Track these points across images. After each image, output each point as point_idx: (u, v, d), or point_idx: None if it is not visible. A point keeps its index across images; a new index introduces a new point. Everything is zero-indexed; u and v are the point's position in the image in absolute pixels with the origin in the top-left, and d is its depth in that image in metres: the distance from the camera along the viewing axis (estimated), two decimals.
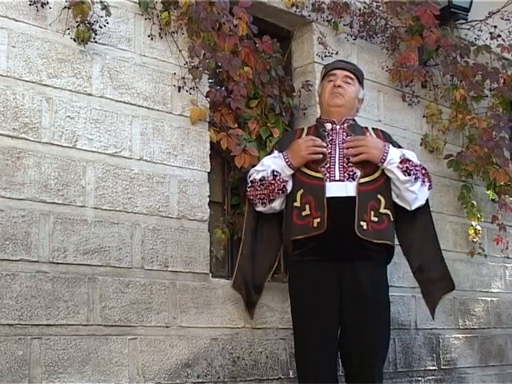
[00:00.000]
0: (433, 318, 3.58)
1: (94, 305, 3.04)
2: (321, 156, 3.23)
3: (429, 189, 3.38)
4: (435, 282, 3.48)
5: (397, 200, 3.33)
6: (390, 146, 3.30)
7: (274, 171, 3.27)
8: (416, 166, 3.28)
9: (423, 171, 3.32)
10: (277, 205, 3.35)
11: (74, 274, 3.00)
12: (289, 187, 3.29)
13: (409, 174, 3.24)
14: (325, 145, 3.26)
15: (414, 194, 3.30)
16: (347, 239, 3.16)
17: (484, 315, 4.88)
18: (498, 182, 4.74)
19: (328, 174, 3.23)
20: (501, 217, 4.85)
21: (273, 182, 3.28)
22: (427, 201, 3.42)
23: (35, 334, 2.86)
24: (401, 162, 3.24)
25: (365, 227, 3.16)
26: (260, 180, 3.31)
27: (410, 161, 3.26)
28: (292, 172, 3.27)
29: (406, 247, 3.45)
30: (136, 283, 3.18)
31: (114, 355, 3.06)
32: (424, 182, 3.31)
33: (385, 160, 3.23)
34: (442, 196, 4.71)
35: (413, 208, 3.34)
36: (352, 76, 3.43)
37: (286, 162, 3.26)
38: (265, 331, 3.61)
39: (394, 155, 3.25)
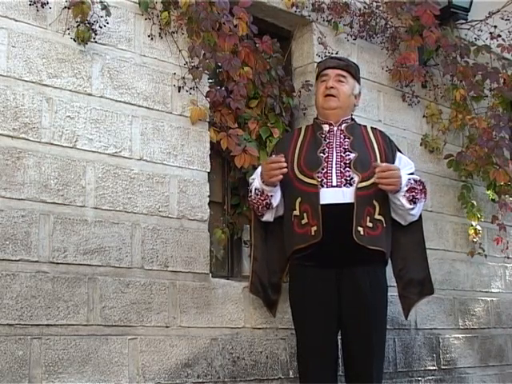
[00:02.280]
0: (406, 319, 3.60)
1: (94, 305, 3.04)
2: (281, 177, 3.17)
3: (424, 201, 3.41)
4: (415, 284, 3.48)
5: (393, 215, 3.34)
6: (401, 171, 3.26)
7: (256, 189, 3.28)
8: (420, 189, 3.28)
9: (421, 187, 3.32)
10: (269, 217, 3.37)
11: (74, 273, 3.00)
12: (274, 201, 3.28)
13: (414, 203, 3.27)
14: (284, 165, 3.15)
15: (413, 216, 3.36)
16: (345, 245, 3.16)
17: (484, 315, 4.88)
18: (498, 182, 4.73)
19: (325, 180, 3.22)
20: (501, 217, 4.85)
21: (255, 200, 3.30)
22: None
23: (35, 334, 2.86)
24: (408, 190, 3.24)
25: (362, 232, 3.16)
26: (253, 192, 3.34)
27: (415, 188, 3.26)
28: (273, 188, 3.25)
29: (392, 246, 3.41)
30: (136, 283, 3.18)
31: (114, 355, 3.06)
32: (421, 198, 3.33)
33: (400, 190, 3.22)
34: (442, 196, 4.71)
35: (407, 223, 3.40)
36: (344, 74, 3.40)
37: (262, 182, 3.25)
38: (265, 331, 3.61)
39: (403, 183, 3.23)
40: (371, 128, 3.50)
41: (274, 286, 3.51)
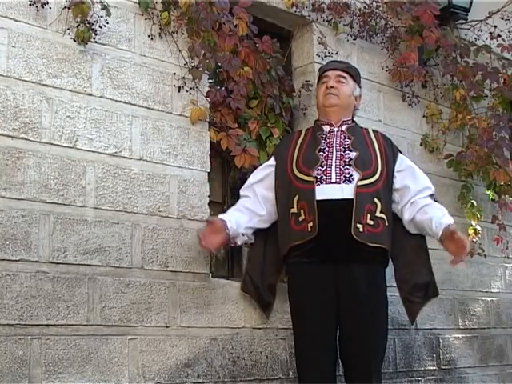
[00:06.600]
0: (412, 324, 3.60)
1: (94, 305, 3.04)
2: (210, 247, 3.26)
3: None
4: (420, 288, 3.48)
5: (411, 226, 3.41)
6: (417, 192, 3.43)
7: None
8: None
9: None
10: (246, 240, 3.44)
11: (74, 273, 3.00)
12: (239, 240, 3.36)
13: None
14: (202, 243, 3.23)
15: None
16: (343, 241, 3.15)
17: (484, 315, 4.88)
18: (498, 182, 4.73)
19: (324, 176, 3.22)
20: (501, 217, 4.85)
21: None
22: None
23: (35, 334, 2.86)
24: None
25: (361, 229, 3.15)
26: None
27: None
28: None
29: (395, 251, 3.42)
30: (136, 283, 3.18)
31: (114, 355, 3.06)
32: None
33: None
34: (441, 196, 4.68)
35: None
36: (344, 75, 3.43)
37: None
38: (265, 331, 3.61)
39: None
40: (373, 130, 3.51)
41: (269, 288, 3.50)
